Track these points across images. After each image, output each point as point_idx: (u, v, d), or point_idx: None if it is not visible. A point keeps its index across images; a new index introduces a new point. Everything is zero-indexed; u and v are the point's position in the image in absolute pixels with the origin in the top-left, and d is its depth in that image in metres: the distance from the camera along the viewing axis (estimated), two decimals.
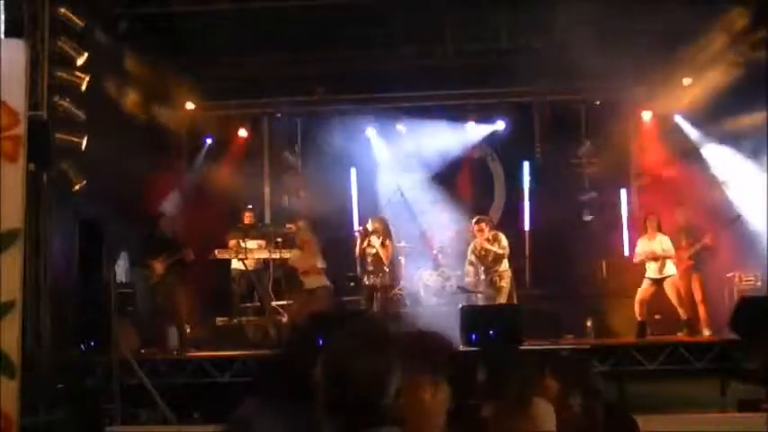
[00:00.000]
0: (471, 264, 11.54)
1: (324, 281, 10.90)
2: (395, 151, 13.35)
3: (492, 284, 11.24)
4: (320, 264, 10.91)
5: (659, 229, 10.71)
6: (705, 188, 11.77)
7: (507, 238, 11.39)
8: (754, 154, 11.34)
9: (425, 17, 11.06)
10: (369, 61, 11.68)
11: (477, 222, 11.47)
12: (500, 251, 11.21)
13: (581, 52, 10.72)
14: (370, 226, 11.39)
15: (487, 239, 11.29)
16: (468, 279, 11.65)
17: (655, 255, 10.56)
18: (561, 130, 12.76)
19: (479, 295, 11.43)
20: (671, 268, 10.55)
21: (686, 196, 11.39)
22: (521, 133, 13.03)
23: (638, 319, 10.57)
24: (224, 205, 12.57)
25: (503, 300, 11.18)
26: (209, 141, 13.25)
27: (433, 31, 11.65)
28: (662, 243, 10.61)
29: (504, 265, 11.23)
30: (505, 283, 11.19)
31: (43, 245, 8.79)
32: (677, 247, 10.65)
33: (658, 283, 10.57)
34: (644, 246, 10.72)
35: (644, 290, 10.63)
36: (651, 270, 10.61)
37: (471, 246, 11.56)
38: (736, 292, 10.62)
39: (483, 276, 11.35)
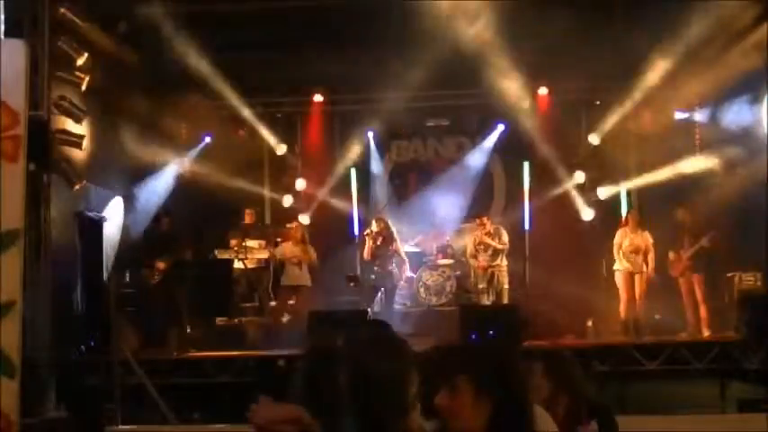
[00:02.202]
0: (473, 256, 11.52)
1: (308, 280, 11.26)
2: (395, 151, 13.35)
3: (495, 283, 11.25)
4: (310, 259, 11.30)
5: (641, 226, 10.70)
6: (707, 188, 11.77)
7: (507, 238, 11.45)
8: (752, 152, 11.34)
9: (425, 17, 11.05)
10: (369, 61, 11.67)
11: (478, 216, 11.58)
12: (500, 246, 11.29)
13: (581, 52, 10.74)
14: (375, 227, 11.45)
15: (488, 233, 11.36)
16: (470, 279, 11.68)
17: (638, 248, 10.57)
18: (561, 130, 12.76)
19: (480, 295, 11.45)
20: (648, 264, 10.62)
21: (687, 196, 11.38)
22: (521, 133, 13.02)
23: (623, 317, 10.57)
24: (224, 205, 12.56)
25: (503, 300, 11.21)
26: (208, 141, 13.23)
27: (433, 31, 11.63)
28: (645, 238, 10.63)
29: (504, 261, 11.30)
30: (507, 283, 11.27)
31: (43, 245, 8.79)
32: (679, 246, 10.65)
33: (633, 277, 10.60)
34: (625, 238, 10.66)
35: (626, 286, 10.61)
36: (627, 263, 10.61)
37: (471, 240, 11.59)
38: (736, 292, 10.62)
39: (482, 273, 11.38)
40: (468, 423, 2.20)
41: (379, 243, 11.39)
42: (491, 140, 13.32)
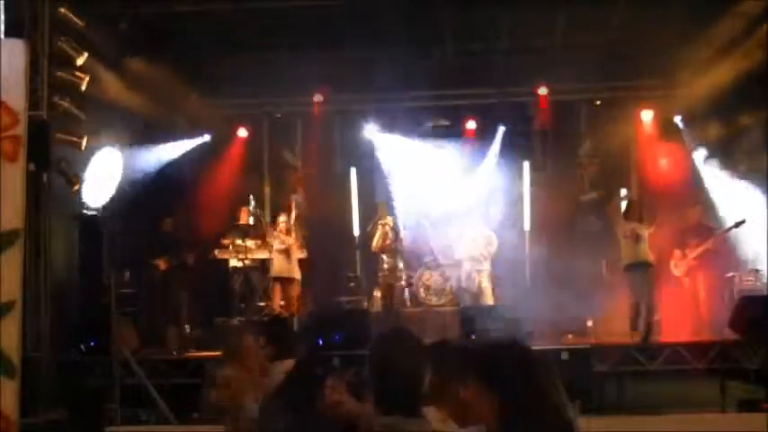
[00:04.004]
0: (469, 260, 11.57)
1: (296, 272, 11.05)
2: (394, 151, 13.35)
3: (474, 284, 11.32)
4: (300, 253, 11.18)
5: (640, 218, 10.39)
6: (708, 189, 11.78)
7: (507, 238, 11.48)
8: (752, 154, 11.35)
9: (426, 17, 11.06)
10: (369, 61, 11.68)
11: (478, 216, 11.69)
12: (485, 252, 11.34)
13: (581, 52, 10.75)
14: (389, 221, 11.40)
15: (483, 236, 11.41)
16: (463, 278, 11.73)
17: (638, 234, 10.08)
18: (561, 130, 12.76)
19: (466, 295, 11.52)
20: (649, 255, 10.13)
21: (689, 198, 11.37)
22: (521, 133, 13.02)
23: (632, 316, 10.07)
24: (224, 205, 12.56)
25: (488, 299, 11.24)
26: (209, 141, 13.22)
27: (433, 31, 11.65)
28: (645, 227, 10.15)
29: (486, 265, 11.37)
30: (486, 283, 11.29)
31: (43, 245, 8.80)
32: (685, 245, 10.63)
33: (641, 270, 10.10)
34: (627, 222, 10.26)
35: (629, 278, 10.18)
36: (630, 252, 10.13)
37: (466, 240, 11.64)
38: (736, 292, 10.62)
39: (468, 274, 11.44)
40: (480, 417, 2.39)
41: (390, 237, 11.33)
42: (491, 141, 13.32)
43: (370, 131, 13.23)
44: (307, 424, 3.29)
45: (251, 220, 12.45)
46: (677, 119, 12.41)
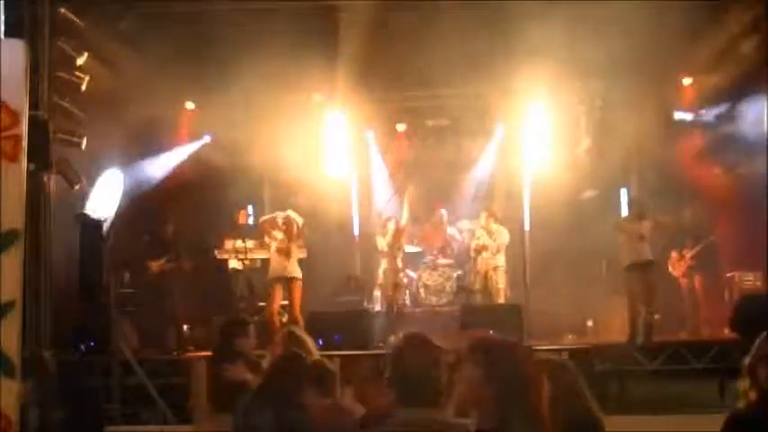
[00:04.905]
0: (477, 252, 11.52)
1: (297, 271, 10.60)
2: (395, 151, 13.36)
3: (490, 283, 11.26)
4: (301, 253, 10.93)
5: (640, 217, 10.30)
6: (709, 188, 11.78)
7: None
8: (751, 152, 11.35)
9: (425, 17, 11.06)
10: (369, 61, 11.68)
11: (485, 210, 11.71)
12: (493, 243, 11.29)
13: (581, 51, 10.73)
14: (392, 224, 11.34)
15: (489, 232, 11.37)
16: (470, 278, 11.70)
17: (642, 235, 10.00)
18: (561, 131, 12.76)
19: (478, 295, 11.47)
20: (650, 254, 10.01)
21: (690, 196, 11.38)
22: (521, 133, 13.02)
23: (633, 316, 9.89)
24: (223, 206, 12.56)
25: (500, 299, 11.21)
26: (208, 140, 13.21)
27: (433, 31, 11.64)
28: (647, 226, 10.06)
29: (502, 260, 11.26)
30: (503, 283, 11.24)
31: (43, 245, 8.79)
32: (682, 246, 10.63)
33: (644, 269, 9.98)
34: (631, 223, 10.18)
35: (631, 278, 9.94)
36: (634, 252, 9.97)
37: (474, 237, 11.62)
38: (736, 291, 10.63)
39: (480, 272, 11.40)
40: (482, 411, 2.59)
41: (395, 237, 11.26)
42: (491, 141, 13.33)
43: (370, 132, 13.23)
44: (292, 422, 3.33)
45: (250, 221, 12.46)
46: (677, 117, 12.41)
